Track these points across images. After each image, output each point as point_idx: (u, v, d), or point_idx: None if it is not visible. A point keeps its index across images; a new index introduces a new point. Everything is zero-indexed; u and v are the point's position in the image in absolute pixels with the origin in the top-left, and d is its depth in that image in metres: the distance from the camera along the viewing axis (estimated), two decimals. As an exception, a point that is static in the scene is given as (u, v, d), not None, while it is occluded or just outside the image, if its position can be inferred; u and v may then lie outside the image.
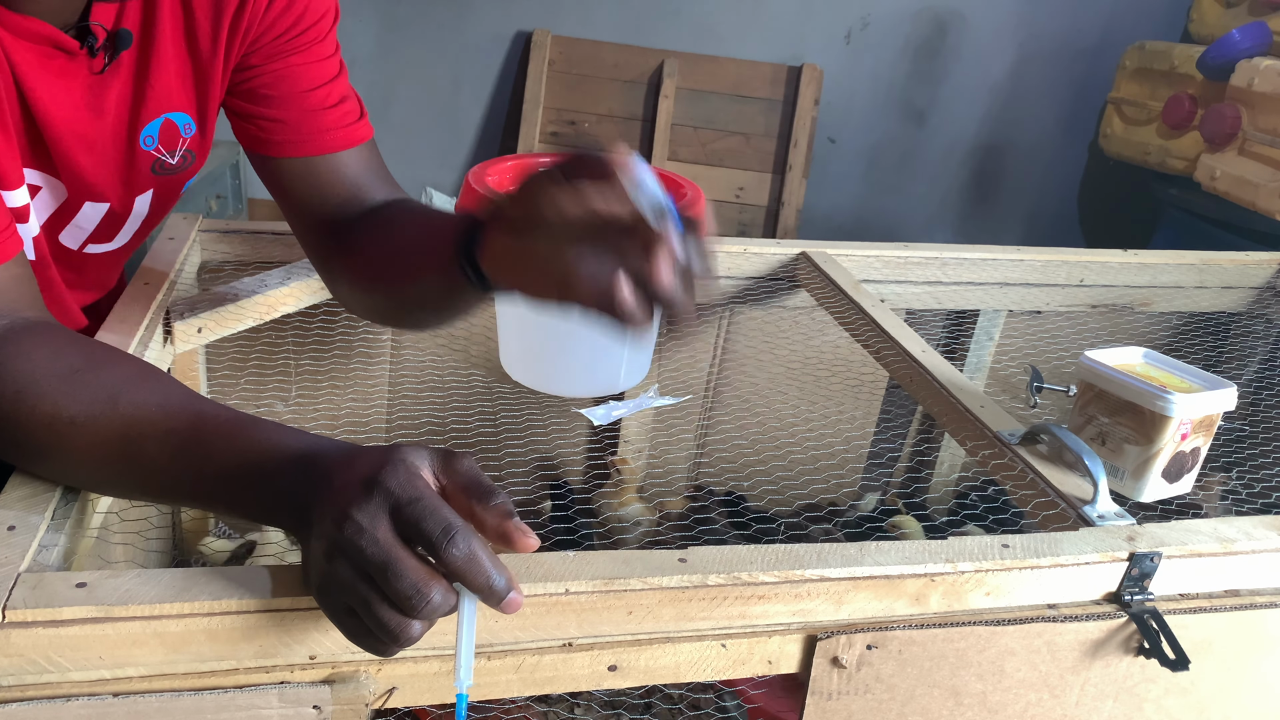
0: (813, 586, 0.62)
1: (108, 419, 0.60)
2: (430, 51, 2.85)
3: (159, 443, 0.59)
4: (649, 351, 0.94)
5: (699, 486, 1.43)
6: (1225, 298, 1.41)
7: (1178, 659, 0.66)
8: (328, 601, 0.51)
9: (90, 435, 0.60)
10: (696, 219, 0.55)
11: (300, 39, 0.79)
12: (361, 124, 0.83)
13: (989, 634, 0.66)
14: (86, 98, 0.72)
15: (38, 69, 0.68)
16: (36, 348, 0.64)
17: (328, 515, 0.50)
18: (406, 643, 0.50)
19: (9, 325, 0.65)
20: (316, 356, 1.19)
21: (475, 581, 0.49)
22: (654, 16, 2.87)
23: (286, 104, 0.79)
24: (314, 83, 0.80)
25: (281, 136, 0.80)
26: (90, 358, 0.65)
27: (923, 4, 2.96)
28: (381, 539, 0.48)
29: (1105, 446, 0.84)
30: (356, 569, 0.49)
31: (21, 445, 0.62)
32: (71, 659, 0.53)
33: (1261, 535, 0.72)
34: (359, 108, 0.84)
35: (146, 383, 0.63)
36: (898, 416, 1.48)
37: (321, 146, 0.80)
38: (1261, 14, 2.21)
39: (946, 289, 1.30)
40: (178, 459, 0.58)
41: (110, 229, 0.83)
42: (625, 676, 0.62)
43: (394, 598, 0.48)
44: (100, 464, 0.61)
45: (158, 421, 0.60)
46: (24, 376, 0.62)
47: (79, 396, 0.61)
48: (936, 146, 3.14)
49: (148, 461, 0.59)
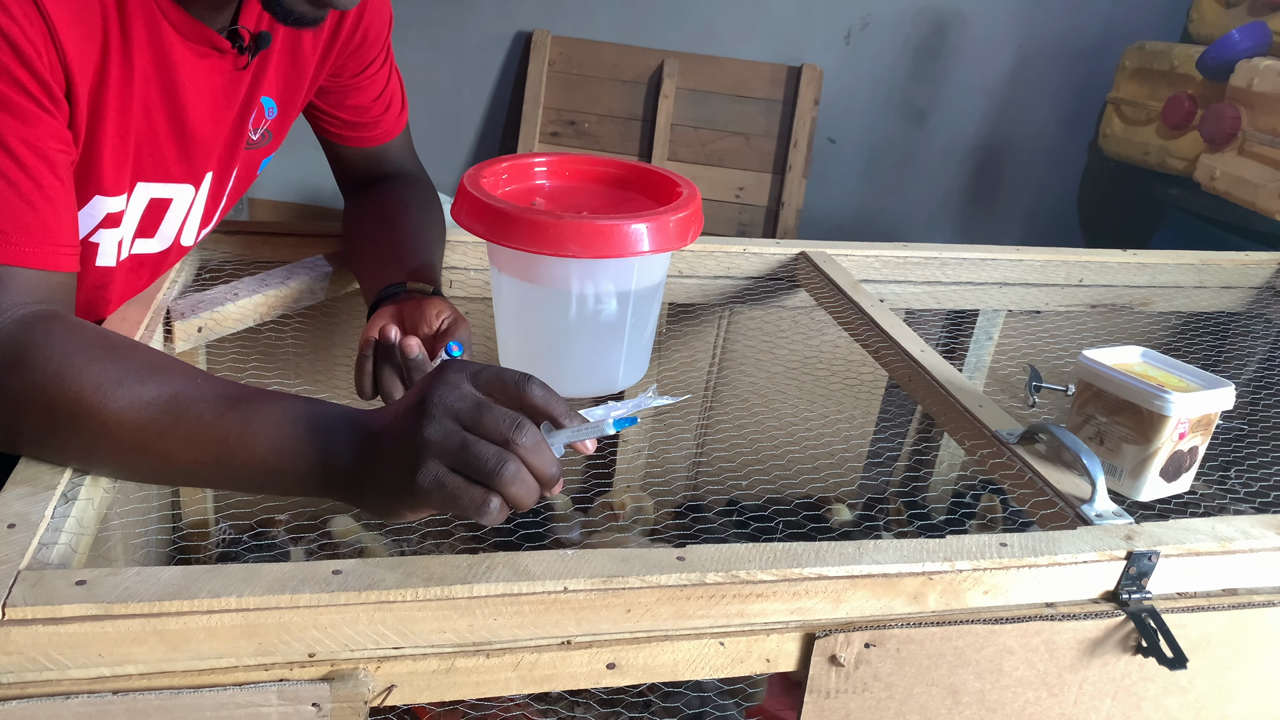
0: (811, 585, 0.63)
1: (156, 380, 0.63)
2: (430, 51, 2.85)
3: (208, 402, 0.62)
4: (648, 351, 0.94)
5: (698, 486, 1.43)
6: (1224, 298, 1.41)
7: (1175, 657, 0.67)
8: (424, 485, 0.56)
9: (135, 394, 0.62)
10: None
11: (367, 71, 0.98)
12: (401, 116, 1.06)
13: (987, 632, 0.66)
14: (224, 90, 0.83)
15: (193, 68, 0.79)
16: (73, 327, 0.65)
17: (407, 417, 0.58)
18: (511, 482, 0.56)
19: (40, 311, 0.66)
20: (316, 356, 1.19)
21: (541, 464, 0.58)
22: (654, 16, 2.87)
23: (349, 110, 1.00)
24: (371, 96, 1.00)
25: (341, 131, 1.02)
26: (126, 338, 0.68)
27: (923, 4, 2.96)
28: (467, 397, 0.57)
29: (1103, 446, 0.84)
30: (451, 432, 0.56)
31: (54, 415, 0.62)
32: (71, 656, 0.53)
33: (1259, 534, 0.72)
34: (401, 100, 1.05)
35: (185, 363, 0.68)
36: (897, 416, 1.48)
37: (370, 141, 1.04)
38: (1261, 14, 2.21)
39: (946, 289, 1.31)
40: (227, 414, 0.61)
41: (212, 208, 0.92)
42: (624, 675, 0.62)
43: (490, 434, 0.56)
44: (142, 425, 0.61)
45: (205, 386, 0.63)
46: (62, 350, 0.63)
47: (125, 364, 0.63)
48: (936, 146, 3.14)
49: (194, 419, 0.61)
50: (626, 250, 0.81)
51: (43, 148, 0.66)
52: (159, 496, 1.05)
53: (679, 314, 1.34)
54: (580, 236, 0.79)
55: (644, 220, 0.81)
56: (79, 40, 0.69)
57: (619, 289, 0.86)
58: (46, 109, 0.67)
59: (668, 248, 0.83)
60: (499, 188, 0.90)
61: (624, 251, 0.81)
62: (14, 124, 0.64)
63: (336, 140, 1.04)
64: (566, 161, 0.98)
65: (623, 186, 0.96)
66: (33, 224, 0.66)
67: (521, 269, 0.86)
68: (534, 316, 0.90)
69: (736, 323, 1.36)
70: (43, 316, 0.65)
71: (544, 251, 0.80)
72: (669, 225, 0.82)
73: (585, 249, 0.80)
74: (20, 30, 0.63)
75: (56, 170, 0.68)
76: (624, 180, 0.96)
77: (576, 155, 0.99)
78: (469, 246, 1.14)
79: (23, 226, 0.65)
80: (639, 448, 1.37)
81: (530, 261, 0.84)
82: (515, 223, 0.80)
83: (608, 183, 0.97)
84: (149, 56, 0.75)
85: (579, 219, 0.80)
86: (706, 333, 1.36)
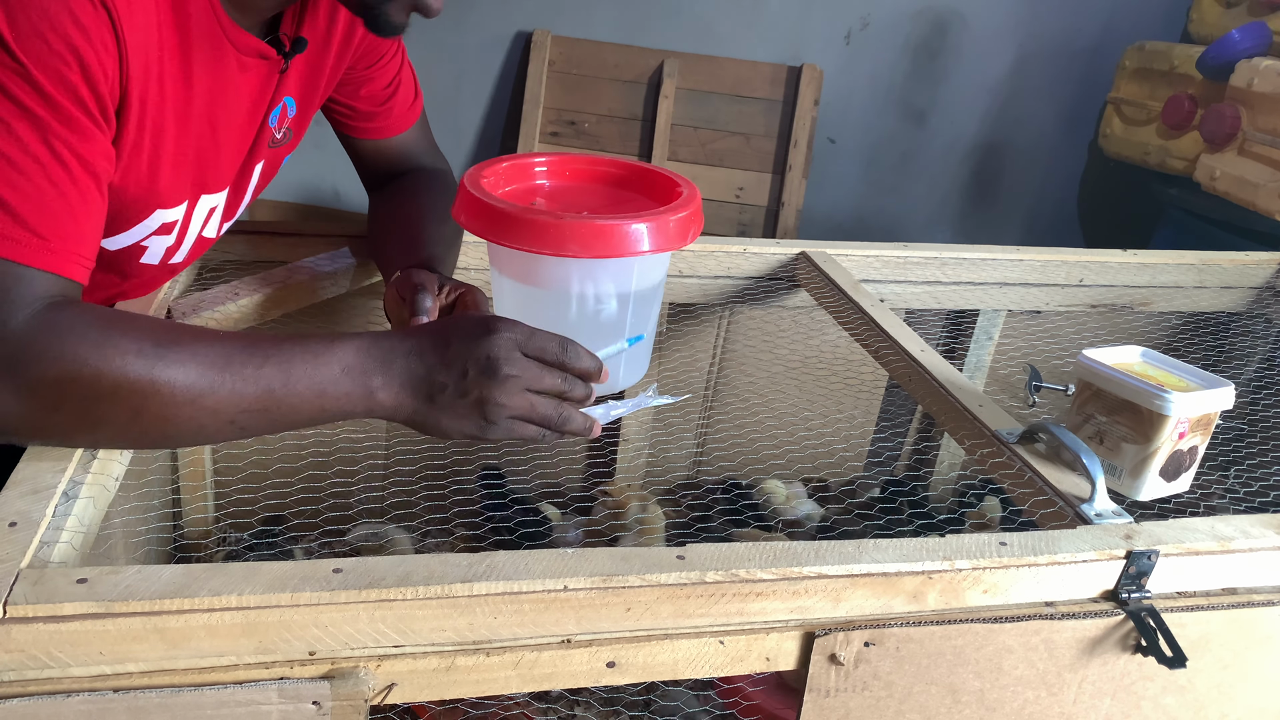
0: (810, 584, 0.63)
1: (189, 342, 0.65)
2: (430, 51, 2.85)
3: (247, 354, 0.66)
4: (648, 351, 0.94)
5: (698, 485, 1.43)
6: (1225, 298, 1.41)
7: (1175, 656, 0.67)
8: (501, 412, 0.70)
9: (177, 354, 0.64)
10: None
11: (380, 61, 1.00)
12: (414, 107, 1.07)
13: (986, 631, 0.66)
14: (259, 94, 0.86)
15: (240, 79, 0.82)
16: (92, 308, 0.67)
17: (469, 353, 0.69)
18: (586, 397, 0.74)
19: (56, 301, 0.66)
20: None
21: (587, 375, 0.74)
22: (654, 16, 2.87)
23: (363, 100, 1.02)
24: (382, 84, 1.02)
25: (356, 123, 1.04)
26: (141, 314, 0.71)
27: (923, 4, 2.96)
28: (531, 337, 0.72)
29: (1103, 445, 0.84)
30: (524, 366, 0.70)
31: (99, 384, 0.63)
32: (72, 654, 0.53)
33: (1259, 534, 0.72)
34: (414, 90, 1.07)
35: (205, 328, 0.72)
36: (897, 416, 1.48)
37: (385, 132, 1.06)
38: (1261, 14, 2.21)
39: (946, 289, 1.31)
40: (266, 366, 0.66)
41: (235, 203, 0.94)
42: (623, 673, 0.62)
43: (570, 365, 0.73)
44: (191, 382, 0.64)
45: (235, 341, 0.67)
46: (96, 324, 0.64)
47: (156, 331, 0.66)
48: (936, 146, 3.14)
49: (236, 370, 0.65)
50: (626, 250, 0.81)
51: (92, 162, 0.68)
52: (159, 495, 1.05)
53: (679, 314, 1.34)
54: (580, 236, 0.80)
55: (644, 220, 0.81)
56: (145, 58, 0.71)
57: (619, 289, 0.86)
58: (100, 126, 0.69)
59: (667, 247, 0.83)
60: (499, 188, 0.91)
61: (624, 251, 0.81)
62: (71, 138, 0.66)
63: (353, 134, 1.05)
64: (566, 161, 0.98)
65: (622, 186, 0.96)
66: (70, 234, 0.67)
67: (521, 269, 0.87)
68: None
69: (736, 323, 1.36)
70: (60, 304, 0.66)
71: (544, 251, 0.80)
72: (669, 225, 0.82)
73: (585, 249, 0.80)
74: (92, 49, 0.65)
75: (100, 185, 0.69)
76: (624, 180, 0.96)
77: (576, 155, 0.99)
78: (469, 246, 1.14)
79: (62, 235, 0.66)
80: (639, 447, 1.37)
81: (530, 261, 0.84)
82: (515, 223, 0.80)
83: (607, 183, 0.97)
84: (212, 72, 0.79)
85: (579, 219, 0.80)
86: (706, 333, 1.36)
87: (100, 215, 0.70)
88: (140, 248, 0.84)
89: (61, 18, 0.63)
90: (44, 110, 0.64)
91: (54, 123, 0.65)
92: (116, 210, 0.76)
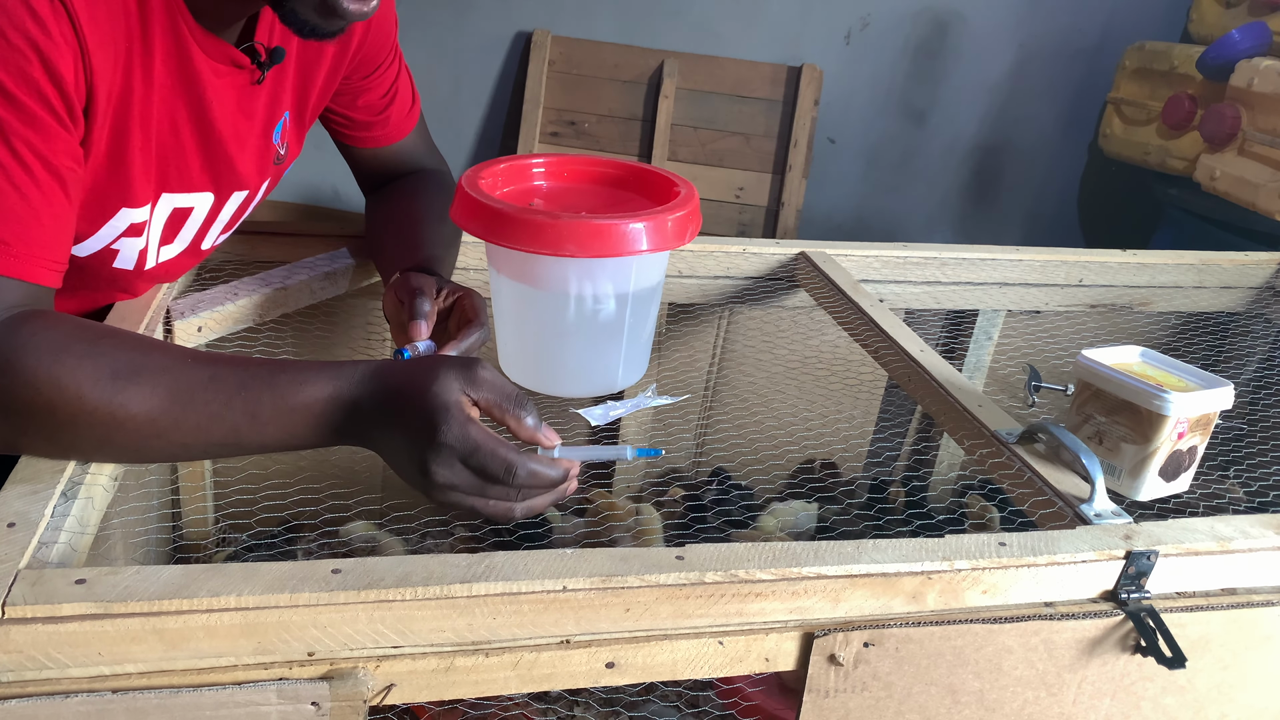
0: (810, 584, 0.63)
1: (150, 373, 0.64)
2: (430, 52, 2.85)
3: (213, 389, 0.64)
4: (647, 351, 0.94)
5: (697, 485, 1.43)
6: (1224, 298, 1.41)
7: (1174, 657, 0.67)
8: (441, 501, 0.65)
9: (137, 388, 0.63)
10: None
11: (375, 72, 0.99)
12: (412, 113, 1.07)
13: (986, 632, 0.66)
14: (240, 103, 0.85)
15: (214, 84, 0.80)
16: (53, 323, 0.65)
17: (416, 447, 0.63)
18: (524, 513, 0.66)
19: (20, 311, 0.65)
20: (316, 357, 1.19)
21: (543, 486, 0.65)
22: (654, 16, 2.88)
23: (360, 110, 1.01)
24: (379, 93, 1.01)
25: (354, 132, 1.04)
26: (106, 326, 0.70)
27: (923, 4, 2.96)
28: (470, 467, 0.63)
29: (1102, 445, 0.84)
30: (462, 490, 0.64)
31: (55, 414, 0.62)
32: (70, 655, 0.53)
33: (1258, 534, 0.72)
34: (412, 97, 1.06)
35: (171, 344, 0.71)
36: (897, 416, 1.48)
37: (382, 140, 1.06)
38: (1261, 14, 2.21)
39: (945, 289, 1.31)
40: (234, 402, 0.64)
41: (238, 217, 0.95)
42: (623, 674, 0.62)
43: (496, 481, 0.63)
44: (154, 417, 0.63)
45: (199, 369, 0.65)
46: (50, 349, 0.62)
47: (115, 356, 0.64)
48: (936, 146, 3.14)
49: (201, 407, 0.64)
50: (624, 250, 0.81)
51: (56, 163, 0.67)
52: (159, 496, 1.05)
53: (679, 314, 1.34)
54: (578, 236, 0.80)
55: (641, 220, 0.81)
56: (107, 56, 0.70)
57: (617, 289, 0.86)
58: (65, 125, 0.67)
59: (665, 247, 0.83)
60: (496, 189, 0.91)
61: (622, 251, 0.81)
62: (34, 138, 0.65)
63: (351, 142, 1.05)
64: (564, 162, 0.98)
65: (620, 187, 0.96)
66: (35, 238, 0.66)
67: (520, 270, 0.87)
68: (533, 317, 0.90)
69: (736, 323, 1.36)
70: (24, 316, 0.65)
71: (542, 251, 0.80)
72: (666, 225, 0.82)
73: (583, 249, 0.80)
74: (53, 45, 0.64)
75: (65, 186, 0.68)
76: (621, 180, 0.96)
77: (574, 155, 0.99)
78: (468, 247, 1.14)
79: (26, 240, 0.65)
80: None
81: (528, 262, 0.84)
82: (513, 223, 0.80)
83: (605, 183, 0.97)
84: (174, 71, 0.77)
85: (577, 219, 0.80)
86: (706, 333, 1.36)
87: (68, 217, 0.69)
88: (111, 251, 0.82)
89: (20, 14, 0.62)
90: (5, 110, 0.63)
91: (16, 122, 0.63)
92: (82, 207, 0.75)
